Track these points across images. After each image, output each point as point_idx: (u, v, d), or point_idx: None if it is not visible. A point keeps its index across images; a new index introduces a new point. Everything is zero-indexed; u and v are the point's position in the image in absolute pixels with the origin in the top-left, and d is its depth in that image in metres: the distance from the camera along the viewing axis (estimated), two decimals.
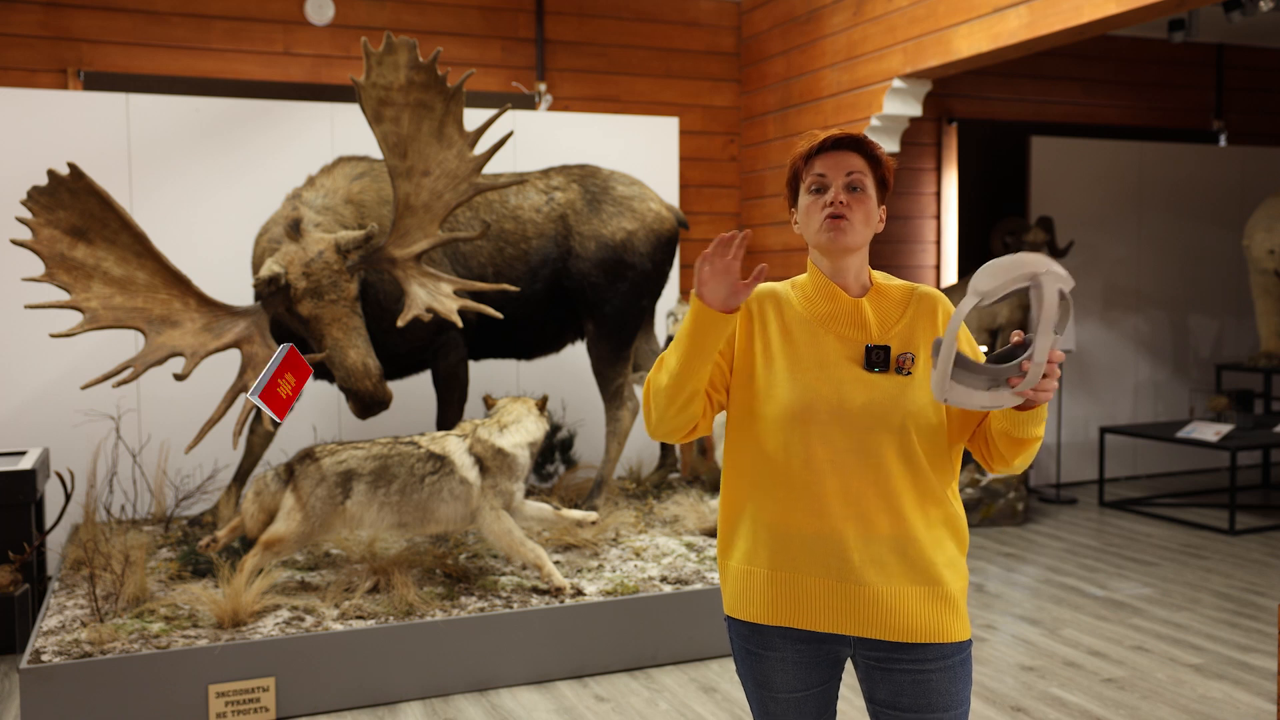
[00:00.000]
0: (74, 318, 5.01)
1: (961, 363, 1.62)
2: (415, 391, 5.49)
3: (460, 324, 4.31)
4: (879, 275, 1.93)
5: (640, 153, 6.22)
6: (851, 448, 1.80)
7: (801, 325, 1.87)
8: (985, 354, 1.88)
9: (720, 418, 4.55)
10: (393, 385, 5.21)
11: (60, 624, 3.72)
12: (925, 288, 1.92)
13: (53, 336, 4.07)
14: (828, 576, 1.82)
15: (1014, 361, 1.62)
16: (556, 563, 4.33)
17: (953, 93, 7.04)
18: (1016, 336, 1.65)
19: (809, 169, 1.88)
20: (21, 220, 3.93)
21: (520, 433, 4.11)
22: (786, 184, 1.95)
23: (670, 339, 5.25)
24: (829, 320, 1.87)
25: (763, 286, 1.95)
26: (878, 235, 6.87)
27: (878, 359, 1.82)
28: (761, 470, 1.87)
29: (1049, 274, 1.56)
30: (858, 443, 1.80)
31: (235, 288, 5.17)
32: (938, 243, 7.07)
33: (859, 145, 1.87)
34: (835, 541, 1.81)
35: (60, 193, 3.93)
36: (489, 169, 5.38)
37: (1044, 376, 1.62)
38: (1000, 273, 1.57)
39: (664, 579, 4.19)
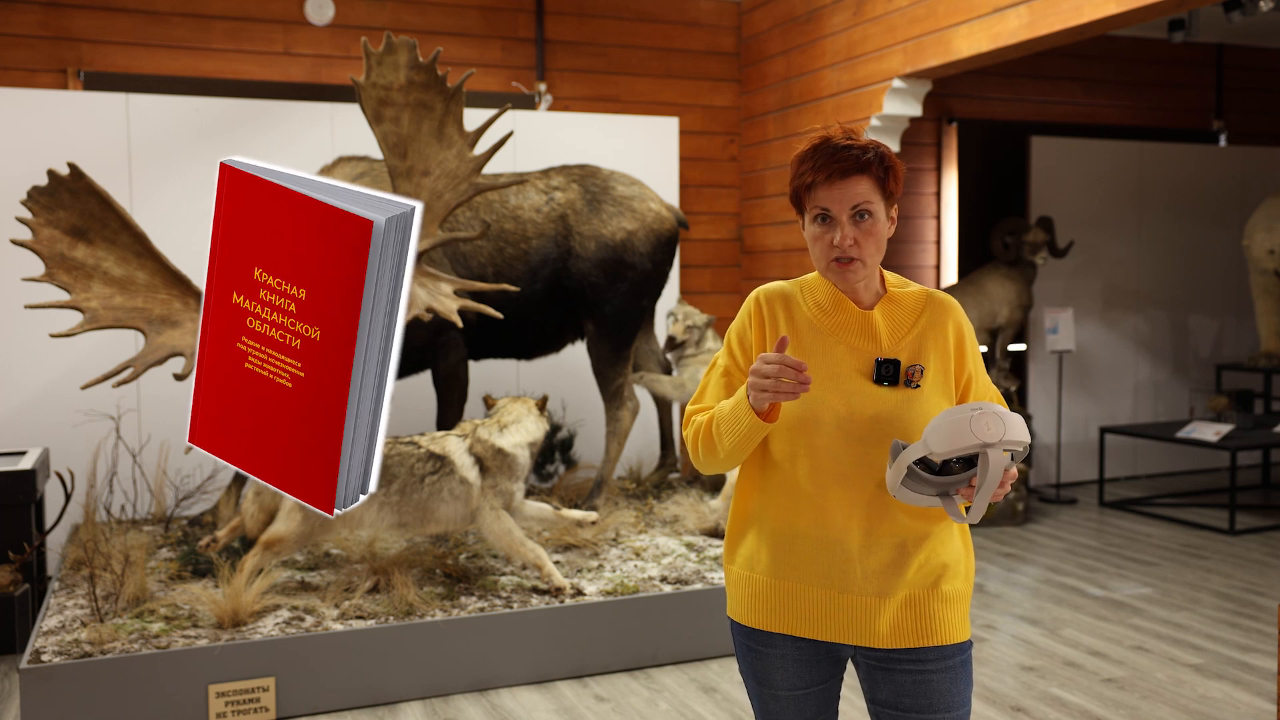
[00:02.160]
0: (74, 318, 5.01)
1: (913, 474, 1.70)
2: (415, 391, 5.49)
3: (460, 324, 4.31)
4: (893, 279, 1.89)
5: (640, 153, 6.21)
6: (857, 459, 1.79)
7: (812, 332, 1.85)
8: (985, 352, 1.90)
9: None
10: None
11: (60, 624, 3.71)
12: (940, 295, 1.89)
13: (53, 336, 4.07)
14: (829, 587, 1.82)
15: (963, 475, 1.70)
16: (556, 563, 4.33)
17: (953, 93, 7.04)
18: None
19: (812, 198, 1.80)
20: (21, 220, 3.93)
21: (520, 433, 4.11)
22: (791, 196, 1.86)
23: (671, 336, 5.25)
24: (839, 330, 1.84)
25: (771, 286, 1.92)
26: None
27: (887, 373, 1.80)
28: (767, 477, 1.87)
29: (999, 444, 1.63)
30: (864, 454, 1.79)
31: None
32: (938, 243, 7.07)
33: (865, 169, 1.77)
34: (837, 551, 1.81)
35: (60, 193, 3.93)
36: (489, 169, 5.38)
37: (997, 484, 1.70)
38: (955, 438, 1.64)
39: (664, 579, 4.19)
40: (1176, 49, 7.63)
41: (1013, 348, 7.16)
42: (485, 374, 5.76)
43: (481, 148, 5.30)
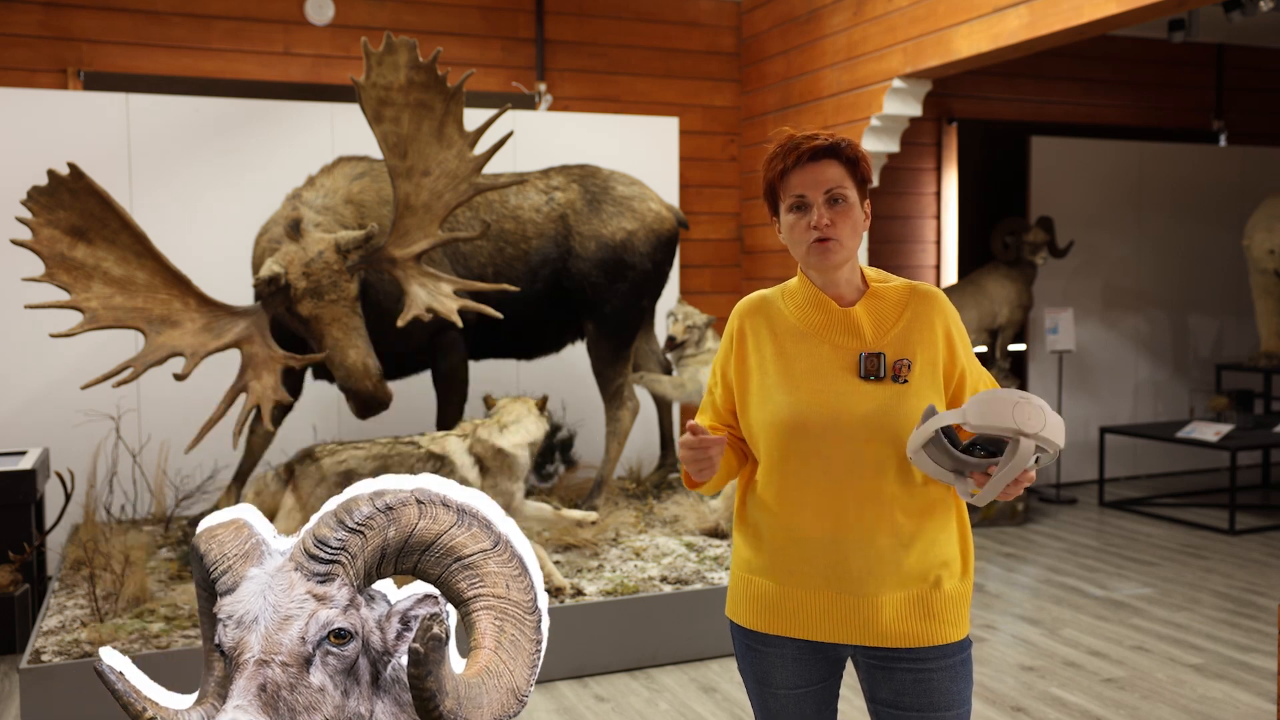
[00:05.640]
0: (74, 318, 5.00)
1: (937, 443, 1.67)
2: (415, 391, 5.49)
3: (460, 324, 4.31)
4: (874, 275, 1.90)
5: (640, 153, 6.21)
6: (849, 458, 1.79)
7: (795, 336, 1.86)
8: (984, 352, 1.90)
9: None
10: (393, 385, 5.19)
11: (60, 624, 3.72)
12: (924, 286, 1.88)
13: (53, 336, 4.07)
14: (827, 588, 1.82)
15: (983, 460, 1.68)
16: (556, 563, 4.33)
17: (953, 93, 7.04)
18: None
19: (785, 187, 1.83)
20: (21, 220, 3.93)
21: (520, 433, 4.11)
22: (764, 195, 1.90)
23: (671, 336, 5.26)
24: (823, 330, 1.84)
25: (751, 297, 1.94)
26: (876, 234, 6.86)
27: (873, 368, 1.80)
28: (763, 480, 1.87)
29: (1034, 438, 1.61)
30: (855, 453, 1.79)
31: (235, 288, 5.17)
32: (938, 243, 7.07)
33: (834, 152, 1.81)
34: (834, 551, 1.81)
35: (60, 193, 3.93)
36: (489, 169, 5.38)
37: (1013, 483, 1.67)
38: (994, 415, 1.62)
39: (664, 579, 4.19)
40: (1176, 49, 7.63)
41: (1013, 348, 7.16)
42: (485, 374, 5.76)
43: (481, 148, 5.30)
